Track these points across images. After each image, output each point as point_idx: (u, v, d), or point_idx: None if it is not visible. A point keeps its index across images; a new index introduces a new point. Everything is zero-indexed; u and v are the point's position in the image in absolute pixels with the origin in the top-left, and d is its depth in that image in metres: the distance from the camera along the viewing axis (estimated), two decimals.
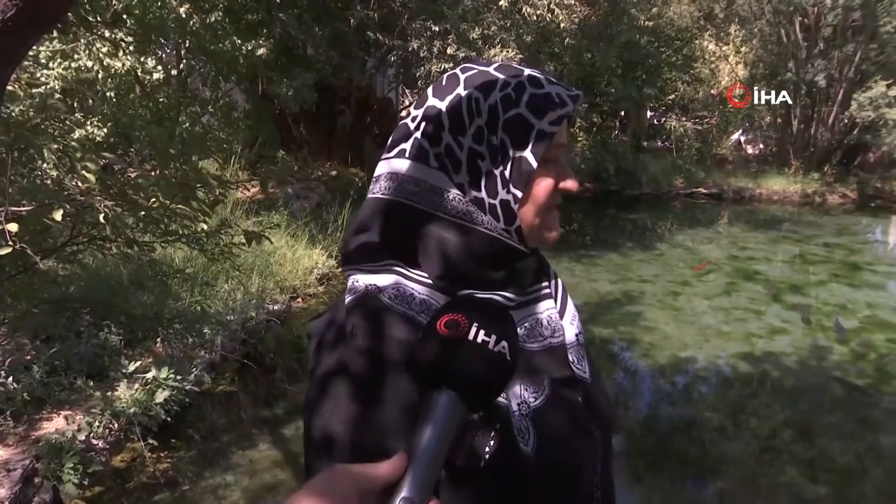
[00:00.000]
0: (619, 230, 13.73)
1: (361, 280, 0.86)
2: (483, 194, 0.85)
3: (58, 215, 1.53)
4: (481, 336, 0.66)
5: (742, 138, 21.56)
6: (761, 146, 21.30)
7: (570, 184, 0.89)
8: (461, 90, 0.86)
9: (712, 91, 19.41)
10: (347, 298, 0.85)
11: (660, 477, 4.39)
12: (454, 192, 0.85)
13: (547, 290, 0.96)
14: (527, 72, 0.87)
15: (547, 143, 0.85)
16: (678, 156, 19.21)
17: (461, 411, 0.65)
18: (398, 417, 0.75)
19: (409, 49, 10.61)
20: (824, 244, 11.81)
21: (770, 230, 13.29)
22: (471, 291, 0.84)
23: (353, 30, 10.41)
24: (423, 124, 0.87)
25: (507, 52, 10.30)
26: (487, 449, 0.76)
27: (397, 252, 0.86)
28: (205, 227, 2.13)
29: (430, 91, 0.89)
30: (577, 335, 0.96)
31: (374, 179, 0.90)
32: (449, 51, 10.10)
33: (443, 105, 0.86)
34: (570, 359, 0.93)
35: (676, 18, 18.81)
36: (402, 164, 0.87)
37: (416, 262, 0.86)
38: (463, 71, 0.88)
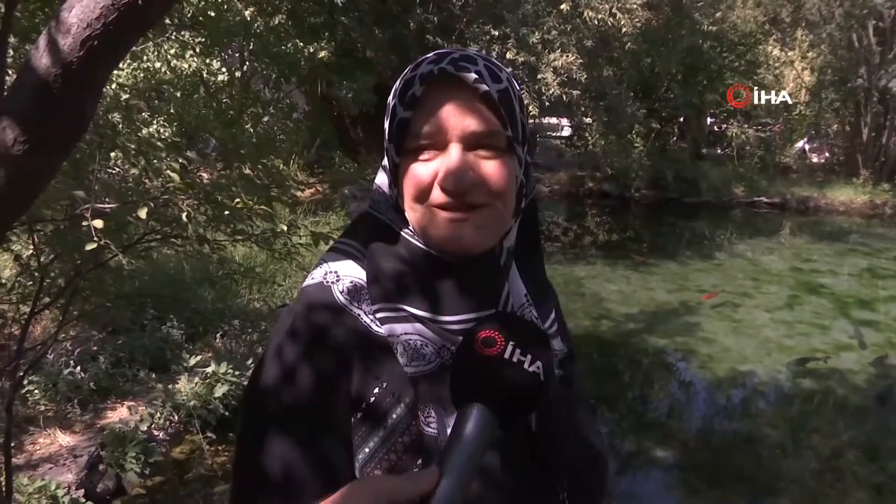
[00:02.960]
0: (677, 238, 13.46)
1: (326, 265, 0.84)
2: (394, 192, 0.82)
3: (143, 213, 1.58)
4: (517, 355, 0.65)
5: (807, 146, 20.86)
6: (827, 155, 20.59)
7: (441, 177, 0.74)
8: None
9: None
10: (306, 282, 0.83)
11: (715, 491, 4.30)
12: (387, 194, 0.83)
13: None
14: (434, 53, 0.78)
15: (404, 130, 0.76)
16: (739, 163, 18.69)
17: (492, 427, 0.64)
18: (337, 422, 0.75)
19: None
20: (895, 258, 11.34)
21: (836, 242, 12.82)
22: (395, 304, 0.78)
23: (412, 33, 10.49)
24: None
25: (567, 56, 10.22)
26: None
27: None
28: (284, 227, 2.17)
29: None
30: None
31: None
32: (508, 55, 10.08)
33: None
34: None
35: (740, 23, 18.35)
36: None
37: None
38: None
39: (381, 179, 0.84)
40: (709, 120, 20.67)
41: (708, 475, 4.48)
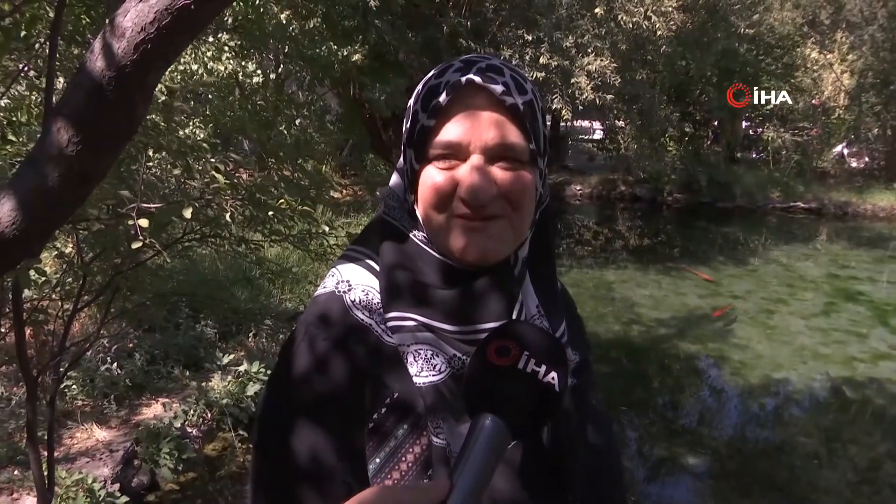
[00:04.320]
0: (710, 243, 13.26)
1: (338, 274, 0.83)
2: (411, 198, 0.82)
3: (187, 213, 1.62)
4: (531, 365, 0.64)
5: (845, 151, 20.42)
6: (867, 159, 20.13)
7: (464, 190, 0.74)
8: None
9: (814, 101, 18.49)
10: (318, 291, 0.83)
11: (746, 501, 4.24)
12: (401, 198, 0.83)
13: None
14: (460, 60, 0.77)
15: (426, 137, 0.76)
16: (775, 168, 18.37)
17: (505, 438, 0.63)
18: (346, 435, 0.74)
19: (501, 57, 10.61)
20: None
21: (875, 248, 12.51)
22: (407, 314, 0.77)
23: (445, 37, 10.50)
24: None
25: (601, 60, 10.16)
26: None
27: None
28: (326, 227, 2.20)
29: None
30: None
31: None
32: (541, 60, 10.04)
33: None
34: None
35: (777, 25, 18.04)
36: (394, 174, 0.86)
37: None
38: None
39: (396, 182, 0.85)
40: (744, 123, 20.36)
41: (739, 483, 4.41)
